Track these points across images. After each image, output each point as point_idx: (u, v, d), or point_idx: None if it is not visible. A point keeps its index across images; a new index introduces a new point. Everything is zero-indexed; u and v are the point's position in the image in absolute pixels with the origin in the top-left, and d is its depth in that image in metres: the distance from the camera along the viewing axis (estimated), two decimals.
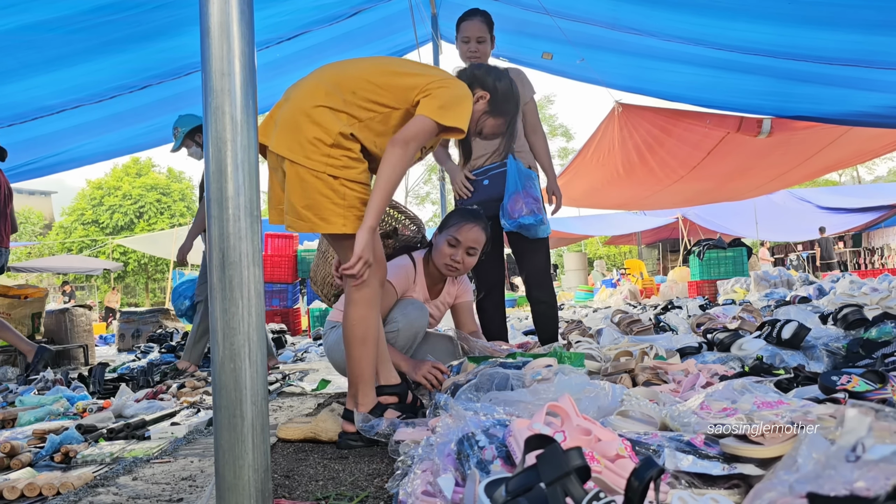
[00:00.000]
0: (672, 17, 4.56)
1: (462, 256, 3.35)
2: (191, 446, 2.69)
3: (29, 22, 3.49)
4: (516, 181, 3.62)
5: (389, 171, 2.23)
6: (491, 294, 3.97)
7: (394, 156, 2.23)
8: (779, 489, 0.93)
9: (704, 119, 7.28)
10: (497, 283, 3.98)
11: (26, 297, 6.19)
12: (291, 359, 6.25)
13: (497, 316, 3.97)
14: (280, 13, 4.55)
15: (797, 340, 2.80)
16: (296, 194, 2.30)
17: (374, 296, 2.43)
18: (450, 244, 3.36)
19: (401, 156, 2.24)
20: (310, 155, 2.25)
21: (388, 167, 2.23)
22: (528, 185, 3.63)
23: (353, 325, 2.41)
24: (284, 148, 2.28)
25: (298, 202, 2.31)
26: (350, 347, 2.43)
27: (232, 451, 1.39)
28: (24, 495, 2.04)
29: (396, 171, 2.25)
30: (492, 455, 1.29)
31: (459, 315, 3.74)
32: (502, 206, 3.66)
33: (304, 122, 2.27)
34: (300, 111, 2.30)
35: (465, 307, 3.73)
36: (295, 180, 2.29)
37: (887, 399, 1.76)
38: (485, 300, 3.98)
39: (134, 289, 35.54)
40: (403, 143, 2.24)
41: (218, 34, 1.42)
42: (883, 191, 21.52)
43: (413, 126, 2.27)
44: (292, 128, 2.29)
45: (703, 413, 1.63)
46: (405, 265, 3.43)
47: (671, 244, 28.02)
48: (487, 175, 3.75)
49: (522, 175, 3.65)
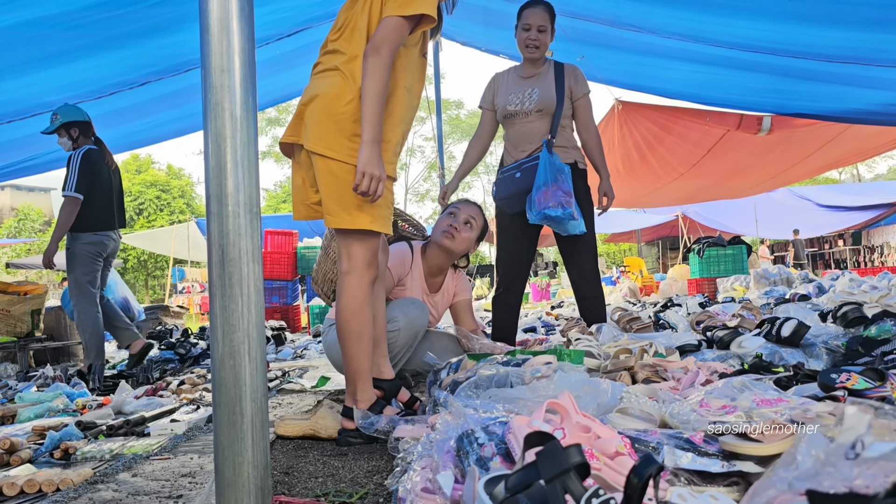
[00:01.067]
0: (672, 15, 4.56)
1: (459, 225, 3.38)
2: (190, 443, 2.69)
3: (29, 18, 3.48)
4: (547, 173, 3.57)
5: (368, 81, 2.21)
6: (507, 291, 3.94)
7: (369, 66, 2.21)
8: (778, 486, 0.93)
9: (704, 117, 7.27)
10: (515, 281, 3.95)
11: (26, 294, 6.19)
12: (291, 356, 6.25)
13: (508, 317, 3.93)
14: (280, 9, 4.54)
15: (797, 338, 2.79)
16: (329, 190, 2.33)
17: (366, 294, 2.43)
18: (449, 213, 3.39)
19: (374, 63, 2.21)
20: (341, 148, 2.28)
21: (367, 78, 2.21)
22: (560, 178, 3.57)
23: (348, 322, 2.41)
24: (320, 145, 2.30)
25: (330, 198, 2.33)
26: (346, 345, 2.43)
27: (231, 448, 1.39)
28: (23, 492, 2.04)
29: (376, 80, 2.21)
30: (491, 452, 1.29)
31: (459, 313, 3.75)
32: (529, 197, 3.61)
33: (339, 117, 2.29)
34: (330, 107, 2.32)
35: (464, 305, 3.73)
36: (328, 177, 2.32)
37: (886, 397, 1.76)
38: (498, 297, 3.96)
39: (133, 285, 35.54)
40: (374, 51, 2.22)
41: (217, 30, 1.42)
42: (883, 189, 21.49)
43: (380, 31, 2.24)
44: (325, 123, 2.31)
45: (702, 411, 1.63)
46: (402, 250, 3.44)
47: (671, 242, 28.03)
48: (520, 168, 3.71)
49: (554, 168, 3.59)
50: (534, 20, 3.72)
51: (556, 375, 1.98)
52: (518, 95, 3.81)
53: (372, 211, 2.32)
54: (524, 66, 3.90)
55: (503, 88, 3.92)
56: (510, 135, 3.89)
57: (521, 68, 3.93)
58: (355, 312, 2.40)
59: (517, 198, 3.68)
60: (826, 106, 6.17)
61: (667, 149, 8.47)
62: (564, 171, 3.60)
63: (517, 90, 3.84)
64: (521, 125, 3.81)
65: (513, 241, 3.93)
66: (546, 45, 3.78)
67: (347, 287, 2.40)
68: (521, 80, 3.88)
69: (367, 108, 2.21)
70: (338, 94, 2.31)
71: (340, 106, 2.29)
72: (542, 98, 3.76)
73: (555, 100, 3.75)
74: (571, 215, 3.55)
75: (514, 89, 3.85)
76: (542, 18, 3.72)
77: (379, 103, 2.22)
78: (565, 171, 3.61)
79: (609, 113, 7.68)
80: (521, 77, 3.89)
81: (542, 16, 3.72)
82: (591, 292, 3.85)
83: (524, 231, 3.86)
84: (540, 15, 3.72)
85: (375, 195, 2.22)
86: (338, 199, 2.32)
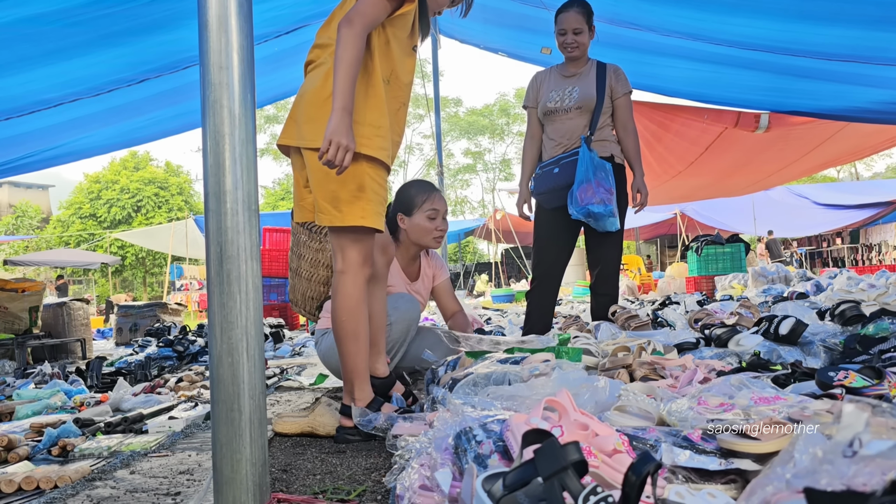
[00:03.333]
0: (671, 12, 4.55)
1: (442, 222, 3.39)
2: (188, 440, 2.69)
3: (27, 15, 3.47)
4: (588, 169, 3.61)
5: (339, 50, 2.19)
6: (542, 284, 3.97)
7: (341, 36, 2.19)
8: (775, 484, 0.93)
9: (702, 115, 7.26)
10: (551, 274, 3.98)
11: (24, 291, 6.18)
12: (289, 353, 6.25)
13: (541, 311, 3.95)
14: (278, 7, 4.53)
15: (794, 336, 2.80)
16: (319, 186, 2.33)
17: (361, 292, 2.42)
18: (430, 217, 3.38)
19: (346, 34, 2.19)
20: None
21: (338, 47, 2.19)
22: (601, 175, 3.62)
23: (343, 322, 2.40)
24: (307, 139, 2.30)
25: (320, 194, 2.33)
26: (342, 344, 2.43)
27: (229, 445, 1.39)
28: (21, 489, 2.04)
29: (347, 50, 2.18)
30: (489, 449, 1.29)
31: (441, 298, 3.76)
32: (571, 192, 3.66)
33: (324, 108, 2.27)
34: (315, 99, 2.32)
35: (446, 287, 3.76)
36: (316, 171, 2.31)
37: (884, 395, 1.76)
38: (533, 290, 4.00)
39: (132, 283, 35.53)
40: (347, 22, 2.20)
41: (216, 28, 1.42)
42: (881, 187, 21.53)
43: (357, 4, 2.24)
44: (312, 116, 2.31)
45: (700, 408, 1.63)
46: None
47: (669, 240, 28.03)
48: (559, 164, 3.76)
49: (595, 164, 3.63)
50: (568, 24, 3.81)
51: (555, 373, 1.99)
52: (559, 93, 3.90)
53: (363, 206, 2.31)
54: (566, 65, 3.99)
55: (545, 86, 4.00)
56: (549, 131, 3.97)
57: (563, 67, 4.01)
58: (351, 311, 2.40)
59: (556, 192, 3.75)
60: (825, 104, 6.17)
61: (665, 147, 8.46)
62: (606, 168, 3.67)
63: (558, 88, 3.92)
64: (561, 122, 3.89)
65: (550, 235, 3.99)
66: (585, 45, 3.86)
67: (342, 286, 2.40)
68: (562, 78, 3.96)
69: (337, 76, 2.18)
70: (322, 85, 2.31)
71: (324, 95, 2.28)
72: (582, 95, 3.84)
73: (595, 97, 3.83)
74: (612, 212, 3.62)
75: (556, 87, 3.93)
76: (576, 21, 3.80)
77: (348, 72, 2.19)
78: (607, 167, 3.68)
79: None
80: (562, 76, 3.97)
81: (577, 18, 3.80)
82: (606, 289, 3.91)
83: (564, 226, 3.91)
84: (574, 17, 3.80)
85: (342, 166, 2.16)
86: (327, 195, 2.31)
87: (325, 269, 3.47)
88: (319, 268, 3.47)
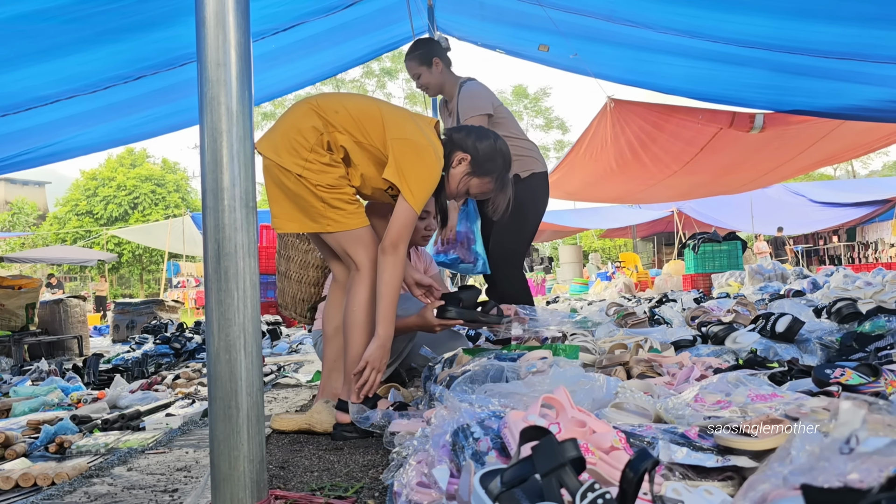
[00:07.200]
0: (668, 10, 4.55)
1: (432, 222, 3.41)
2: (186, 437, 2.69)
3: (23, 11, 3.46)
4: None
5: (386, 276, 2.32)
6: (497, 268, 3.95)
7: (388, 263, 2.32)
8: (772, 481, 0.93)
9: (696, 115, 7.26)
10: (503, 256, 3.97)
11: (20, 288, 6.17)
12: (286, 350, 6.25)
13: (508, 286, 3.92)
14: (275, 4, 4.52)
15: (791, 334, 2.80)
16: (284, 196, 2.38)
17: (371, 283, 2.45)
18: (420, 218, 3.39)
19: (392, 262, 2.32)
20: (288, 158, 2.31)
21: (384, 273, 2.33)
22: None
23: (356, 311, 2.44)
24: (271, 151, 2.34)
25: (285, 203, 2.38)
26: (351, 333, 2.44)
27: (227, 442, 1.39)
28: (18, 485, 2.04)
29: (395, 278, 2.33)
30: (487, 446, 1.30)
31: None
32: None
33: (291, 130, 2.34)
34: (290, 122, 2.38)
35: (436, 279, 3.76)
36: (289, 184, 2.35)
37: (880, 392, 1.77)
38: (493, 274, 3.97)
39: (128, 280, 35.46)
40: (393, 248, 2.32)
41: (214, 24, 1.41)
42: (877, 185, 21.58)
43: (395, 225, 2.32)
44: (281, 134, 2.36)
45: (697, 405, 1.63)
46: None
47: (666, 237, 28.04)
48: None
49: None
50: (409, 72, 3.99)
51: (552, 370, 1.99)
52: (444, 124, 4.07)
53: (326, 214, 2.36)
54: None
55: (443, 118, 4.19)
56: None
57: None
58: (367, 300, 2.45)
59: None
60: (822, 102, 6.18)
61: (660, 147, 8.46)
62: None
63: (444, 120, 4.12)
64: None
65: None
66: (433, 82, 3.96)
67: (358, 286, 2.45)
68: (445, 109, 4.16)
69: (381, 304, 2.33)
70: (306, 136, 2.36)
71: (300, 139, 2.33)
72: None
73: None
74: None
75: (444, 119, 4.12)
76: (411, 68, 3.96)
77: (394, 301, 2.34)
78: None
79: (601, 111, 7.63)
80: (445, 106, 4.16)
81: (410, 65, 3.94)
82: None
83: None
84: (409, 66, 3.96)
85: (372, 387, 2.35)
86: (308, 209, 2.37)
87: (314, 271, 3.47)
88: (309, 269, 3.47)
